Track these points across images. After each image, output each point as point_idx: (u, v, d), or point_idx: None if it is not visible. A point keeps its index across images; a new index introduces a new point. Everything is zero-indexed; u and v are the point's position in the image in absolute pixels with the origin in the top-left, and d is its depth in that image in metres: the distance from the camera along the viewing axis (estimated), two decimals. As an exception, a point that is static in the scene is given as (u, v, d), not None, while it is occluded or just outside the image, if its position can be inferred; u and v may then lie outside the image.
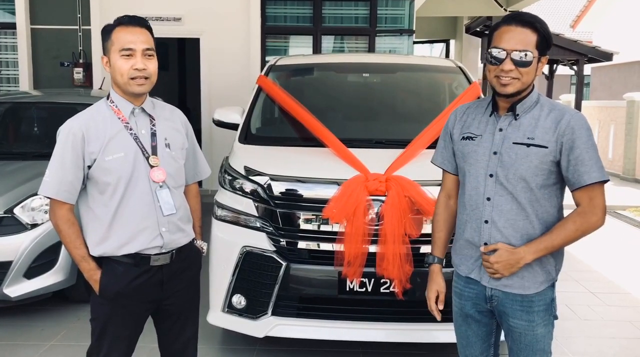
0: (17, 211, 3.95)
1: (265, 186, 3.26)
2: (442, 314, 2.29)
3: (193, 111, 8.99)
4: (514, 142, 2.00)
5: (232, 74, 8.24)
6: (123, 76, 2.13)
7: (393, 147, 3.48)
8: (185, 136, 2.37)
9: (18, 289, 3.87)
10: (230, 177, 3.43)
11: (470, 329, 2.20)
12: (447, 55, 14.76)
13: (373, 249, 3.06)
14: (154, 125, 2.24)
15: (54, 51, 8.50)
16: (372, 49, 8.38)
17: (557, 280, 2.12)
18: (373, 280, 3.12)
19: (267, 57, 8.19)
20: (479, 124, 2.10)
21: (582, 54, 11.54)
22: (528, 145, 1.97)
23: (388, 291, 3.12)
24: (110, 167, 2.12)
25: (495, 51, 1.96)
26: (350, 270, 3.05)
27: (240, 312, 3.28)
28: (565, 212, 2.06)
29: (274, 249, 3.19)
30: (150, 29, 2.20)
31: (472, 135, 2.10)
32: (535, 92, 2.05)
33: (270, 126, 4.38)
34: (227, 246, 3.29)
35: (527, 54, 1.93)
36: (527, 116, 2.02)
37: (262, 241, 3.21)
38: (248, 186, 3.32)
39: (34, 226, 3.95)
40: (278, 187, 3.24)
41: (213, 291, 3.36)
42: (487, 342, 2.21)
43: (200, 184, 2.59)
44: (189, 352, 2.43)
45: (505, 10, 10.58)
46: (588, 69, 18.22)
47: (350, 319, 3.22)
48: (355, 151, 3.37)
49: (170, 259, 2.24)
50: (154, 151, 2.20)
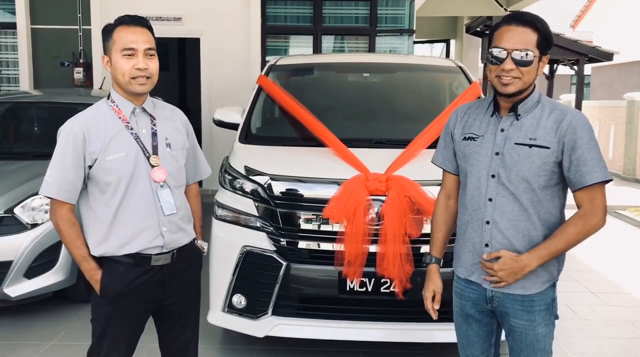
0: (17, 211, 3.95)
1: (266, 186, 3.26)
2: (441, 314, 2.29)
3: (193, 111, 8.99)
4: (516, 143, 1.99)
5: (232, 73, 8.24)
6: (124, 76, 2.13)
7: (393, 147, 3.48)
8: (186, 136, 2.37)
9: (18, 288, 3.88)
10: (231, 177, 3.43)
11: (471, 328, 2.19)
12: (447, 55, 14.76)
13: (373, 248, 3.06)
14: (155, 125, 2.24)
15: (54, 51, 8.50)
16: (372, 48, 8.38)
17: (558, 279, 2.11)
18: (373, 280, 3.11)
19: (267, 57, 8.19)
20: (481, 124, 2.10)
21: (582, 53, 11.55)
22: (530, 145, 1.97)
23: (388, 291, 3.12)
24: (111, 167, 2.12)
25: (496, 51, 1.96)
26: (351, 270, 3.05)
27: (241, 312, 3.28)
28: (567, 212, 2.06)
29: (274, 248, 3.19)
30: (151, 28, 2.20)
31: (473, 135, 2.09)
32: (537, 92, 2.05)
33: (271, 126, 4.38)
34: (227, 246, 3.29)
35: (527, 53, 1.93)
36: (528, 116, 2.01)
37: (262, 241, 3.21)
38: (248, 186, 3.32)
39: (34, 226, 3.95)
40: (278, 187, 3.24)
41: (213, 291, 3.36)
42: (487, 342, 2.21)
43: (201, 183, 2.59)
44: (190, 352, 2.43)
45: (506, 10, 10.58)
46: (588, 69, 18.22)
47: (351, 318, 3.21)
48: (356, 151, 3.37)
49: (171, 259, 2.24)
50: (155, 151, 2.20)
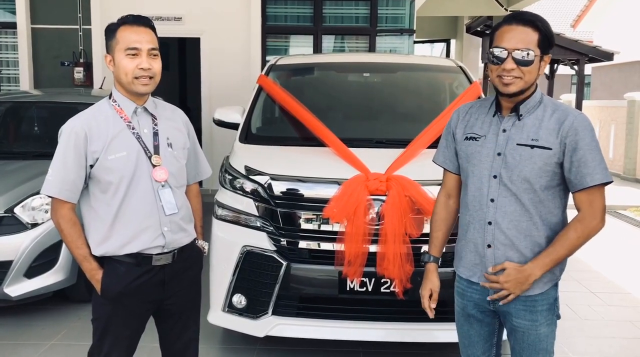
0: (17, 211, 3.95)
1: (266, 186, 3.25)
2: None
3: (193, 111, 8.99)
4: (518, 144, 1.98)
5: (232, 73, 8.24)
6: (127, 75, 2.13)
7: (393, 147, 3.48)
8: (187, 136, 2.37)
9: (18, 288, 3.87)
10: (231, 177, 3.43)
11: (473, 328, 2.19)
12: (447, 55, 14.76)
13: (373, 248, 3.06)
14: (156, 124, 2.24)
15: (55, 51, 8.50)
16: (372, 48, 8.38)
17: (560, 279, 2.11)
18: (373, 280, 3.11)
19: (267, 57, 8.19)
20: (483, 124, 2.09)
21: (582, 53, 11.55)
22: (532, 146, 1.96)
23: (388, 291, 3.12)
24: (113, 166, 2.12)
25: (497, 51, 1.96)
26: (351, 270, 3.05)
27: (241, 312, 3.28)
28: (569, 212, 2.06)
29: (275, 248, 3.19)
30: (154, 28, 2.20)
31: (475, 135, 2.09)
32: (539, 92, 2.04)
33: (271, 126, 4.38)
34: (227, 246, 3.29)
35: (528, 53, 1.92)
36: (530, 117, 2.01)
37: (262, 241, 3.21)
38: (248, 186, 3.32)
39: (35, 226, 3.95)
40: (278, 187, 3.24)
41: (213, 291, 3.36)
42: (489, 342, 2.20)
43: (201, 183, 2.60)
44: (191, 352, 2.43)
45: (506, 9, 10.57)
46: (589, 68, 18.23)
47: (351, 318, 3.21)
48: (356, 151, 3.37)
49: (172, 258, 2.24)
50: (156, 151, 2.20)
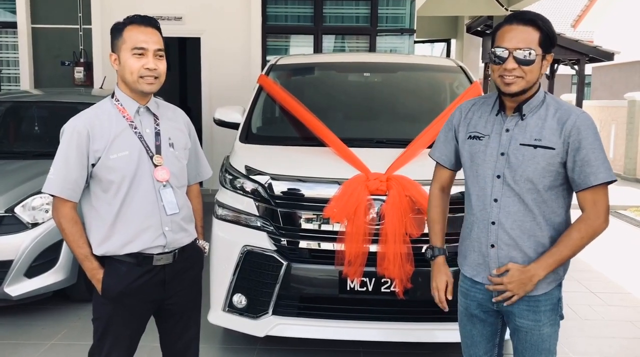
0: (17, 210, 3.95)
1: (266, 185, 3.25)
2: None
3: (194, 110, 8.99)
4: (521, 144, 1.98)
5: (232, 73, 8.24)
6: (133, 74, 2.13)
7: (394, 147, 3.48)
8: (188, 136, 2.37)
9: (19, 288, 3.87)
10: (231, 177, 3.43)
11: (475, 328, 2.19)
12: (447, 54, 14.75)
13: (374, 248, 3.06)
14: (158, 124, 2.24)
15: (55, 50, 8.50)
16: (373, 48, 8.38)
17: (563, 279, 2.11)
18: (374, 279, 3.11)
19: (267, 57, 8.19)
20: (486, 123, 2.09)
21: (583, 53, 11.55)
22: (535, 146, 1.96)
23: (389, 291, 3.12)
24: (115, 166, 2.12)
25: (499, 50, 1.95)
26: (351, 269, 3.05)
27: (241, 312, 3.28)
28: (572, 212, 2.05)
29: (275, 248, 3.19)
30: (160, 30, 2.21)
31: (479, 134, 2.08)
32: (542, 92, 2.03)
33: (271, 125, 4.38)
34: (227, 245, 3.29)
35: (530, 52, 1.92)
36: (533, 117, 2.00)
37: (262, 240, 3.21)
38: (249, 185, 3.32)
39: (35, 225, 3.95)
40: (279, 187, 3.24)
41: (214, 290, 3.36)
42: (491, 342, 2.20)
43: (201, 183, 2.59)
44: (191, 352, 2.43)
45: (507, 9, 10.56)
46: (589, 68, 18.22)
47: (351, 318, 3.21)
48: (356, 151, 3.37)
49: (173, 258, 2.24)
50: (158, 150, 2.20)
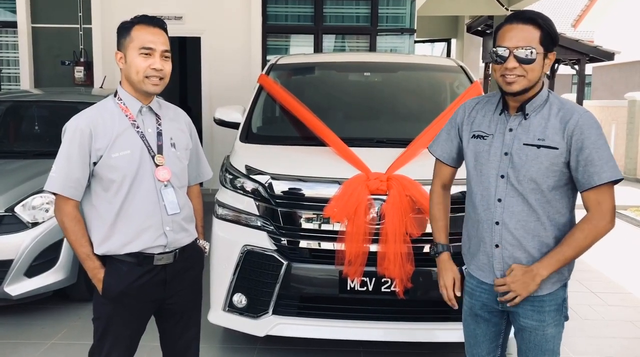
0: (18, 210, 3.94)
1: (266, 185, 3.25)
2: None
3: (194, 110, 8.99)
4: (525, 143, 1.98)
5: (233, 73, 8.24)
6: (139, 74, 2.13)
7: (394, 147, 3.48)
8: (190, 137, 2.38)
9: (19, 287, 3.87)
10: (232, 176, 3.43)
11: (479, 328, 2.18)
12: (448, 54, 14.76)
13: (374, 248, 3.06)
14: (160, 124, 2.25)
15: (55, 50, 8.50)
16: (373, 48, 8.38)
17: (569, 279, 2.10)
18: (374, 279, 3.11)
19: (268, 56, 8.19)
20: (490, 122, 2.08)
21: (583, 53, 11.55)
22: (538, 146, 1.95)
23: (389, 290, 3.11)
24: (116, 165, 2.12)
25: (500, 50, 1.95)
26: (351, 269, 3.05)
27: (241, 311, 3.28)
28: (577, 212, 2.04)
29: (275, 248, 3.19)
30: (167, 31, 2.22)
31: (483, 134, 2.08)
32: (545, 91, 2.03)
33: (271, 125, 4.38)
34: (228, 245, 3.29)
35: (531, 51, 1.92)
36: (537, 116, 1.99)
37: (263, 240, 3.21)
38: (249, 185, 3.32)
39: (35, 225, 3.95)
40: (279, 186, 3.24)
41: (214, 290, 3.36)
42: (494, 343, 2.20)
43: (201, 183, 2.59)
44: (192, 352, 2.43)
45: (507, 9, 10.56)
46: (589, 68, 18.21)
47: (351, 318, 3.21)
48: (357, 150, 3.37)
49: (174, 258, 2.24)
50: (160, 150, 2.20)
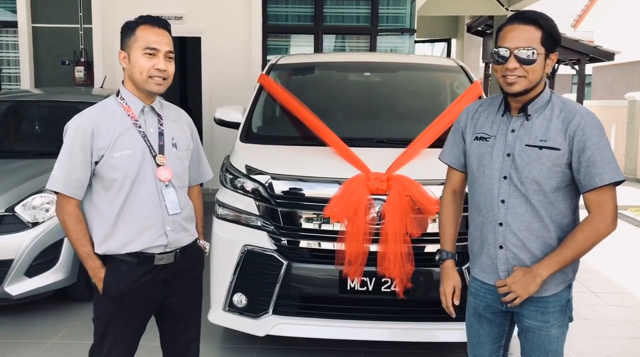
0: (18, 210, 3.95)
1: (267, 185, 3.25)
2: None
3: (194, 110, 8.99)
4: (527, 144, 1.97)
5: (233, 73, 8.24)
6: (142, 73, 2.13)
7: (394, 146, 3.48)
8: (191, 137, 2.38)
9: (19, 287, 3.88)
10: (232, 176, 3.43)
11: (483, 328, 2.18)
12: (448, 54, 14.76)
13: (374, 248, 3.06)
14: (162, 124, 2.25)
15: (56, 50, 8.50)
16: (373, 48, 8.38)
17: (574, 280, 2.09)
18: (374, 279, 3.11)
19: (268, 56, 8.19)
20: (492, 124, 2.08)
21: (583, 53, 11.56)
22: (540, 147, 1.95)
23: (389, 290, 3.12)
24: (118, 164, 2.13)
25: (501, 50, 1.95)
26: (351, 269, 3.05)
27: (241, 311, 3.28)
28: (581, 213, 2.04)
29: (275, 248, 3.19)
30: (171, 32, 2.23)
31: (485, 135, 2.08)
32: (547, 92, 2.02)
33: (272, 125, 4.38)
34: (228, 245, 3.29)
35: (533, 51, 1.91)
36: (539, 117, 1.99)
37: (263, 240, 3.21)
38: (249, 185, 3.32)
39: (35, 225, 3.95)
40: (279, 186, 3.24)
41: (214, 290, 3.36)
42: (497, 344, 2.19)
43: (202, 183, 2.60)
44: (192, 352, 2.43)
45: (507, 9, 10.56)
46: (589, 68, 18.22)
47: (351, 318, 3.21)
48: (357, 150, 3.37)
49: (174, 258, 2.24)
50: (161, 150, 2.21)
